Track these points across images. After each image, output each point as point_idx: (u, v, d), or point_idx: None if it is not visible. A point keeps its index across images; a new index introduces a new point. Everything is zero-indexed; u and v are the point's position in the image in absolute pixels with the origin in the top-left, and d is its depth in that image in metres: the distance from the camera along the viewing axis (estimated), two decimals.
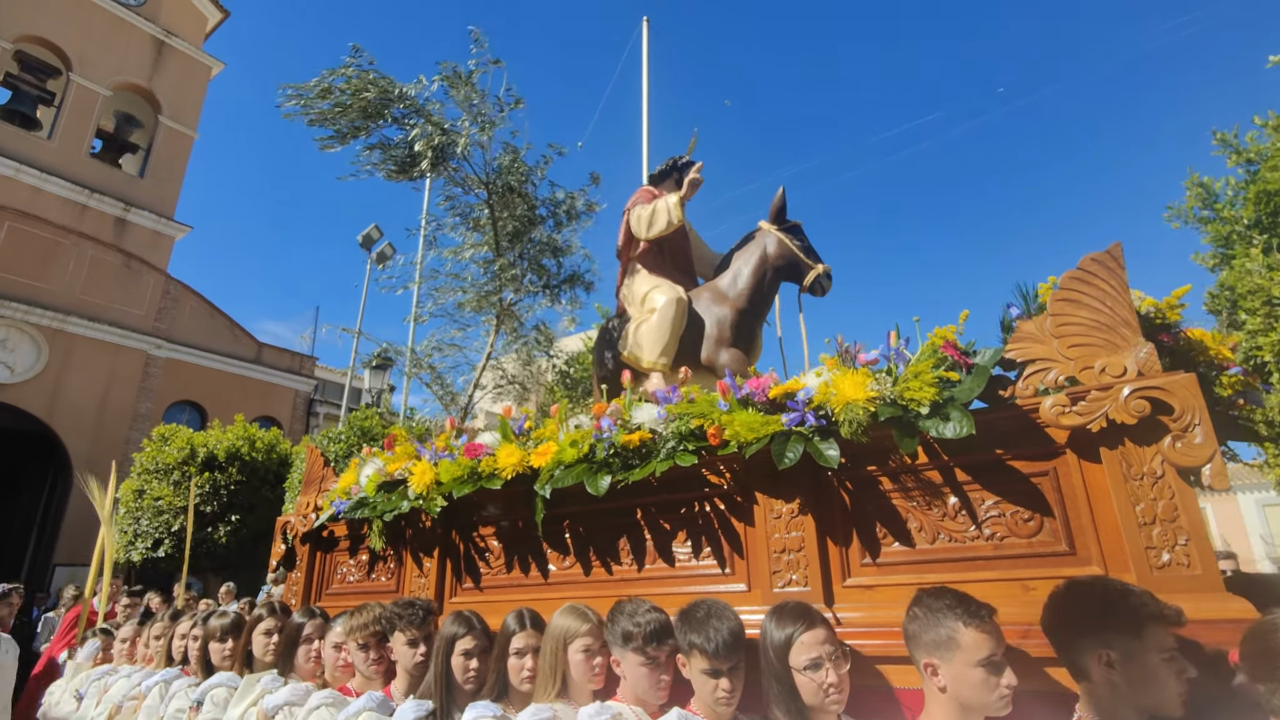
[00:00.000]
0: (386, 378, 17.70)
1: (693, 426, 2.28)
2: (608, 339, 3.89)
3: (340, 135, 6.41)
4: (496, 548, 2.80)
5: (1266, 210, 9.93)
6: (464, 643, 2.33)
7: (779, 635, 1.76)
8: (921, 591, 1.68)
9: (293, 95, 6.25)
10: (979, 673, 1.51)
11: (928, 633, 1.59)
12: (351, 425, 11.75)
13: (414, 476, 2.81)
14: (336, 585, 3.22)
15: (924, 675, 1.60)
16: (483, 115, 6.21)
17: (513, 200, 6.36)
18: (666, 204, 3.60)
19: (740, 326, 3.45)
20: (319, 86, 6.42)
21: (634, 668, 2.00)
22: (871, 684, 1.83)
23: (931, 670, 1.57)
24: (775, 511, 2.18)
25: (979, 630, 1.53)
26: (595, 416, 2.52)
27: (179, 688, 2.93)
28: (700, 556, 2.34)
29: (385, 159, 6.57)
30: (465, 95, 6.15)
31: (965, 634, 1.53)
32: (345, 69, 6.21)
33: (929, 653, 1.58)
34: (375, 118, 6.26)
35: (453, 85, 6.36)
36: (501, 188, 6.33)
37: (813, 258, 3.45)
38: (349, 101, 6.22)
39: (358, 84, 6.25)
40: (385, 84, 6.35)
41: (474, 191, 6.56)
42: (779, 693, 1.74)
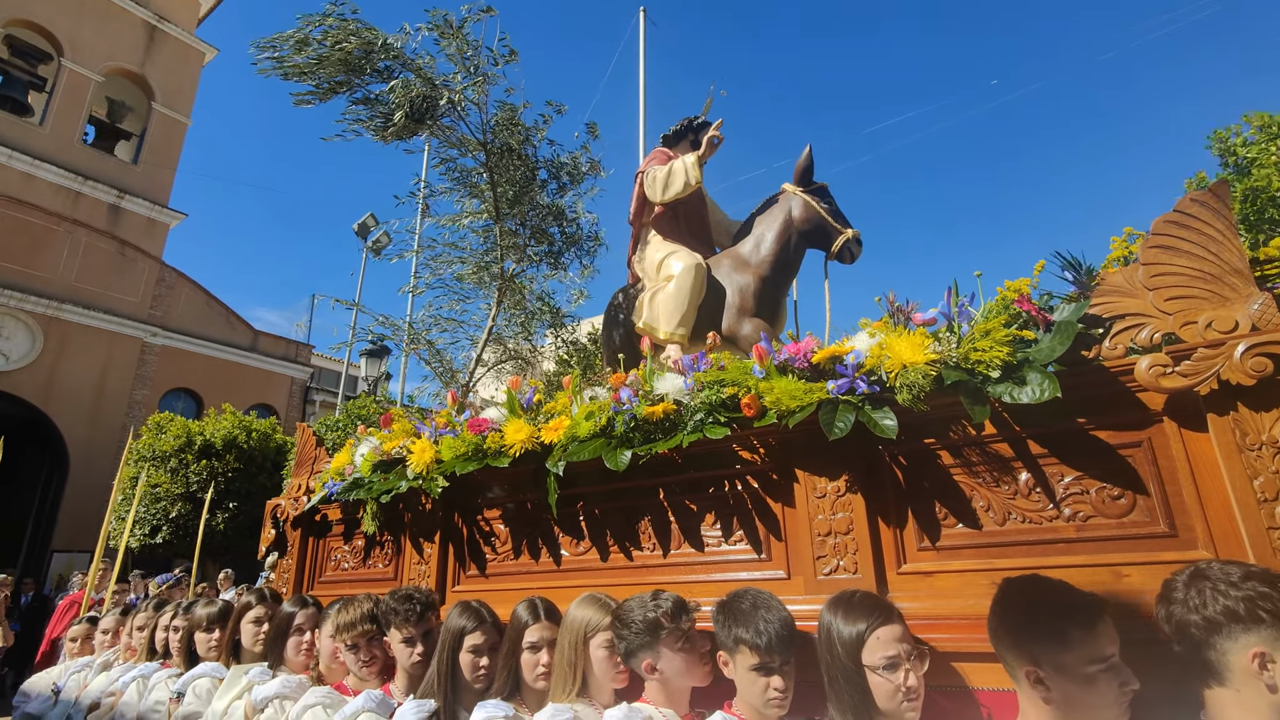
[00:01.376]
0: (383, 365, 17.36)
1: (724, 396, 2.00)
2: (619, 309, 3.59)
3: (320, 91, 5.88)
4: (503, 531, 2.51)
5: (1253, 208, 9.77)
6: (473, 638, 2.06)
7: (849, 630, 1.49)
8: (1012, 582, 1.41)
9: (266, 49, 5.77)
10: (1095, 675, 1.24)
11: (1027, 631, 1.32)
12: (349, 413, 11.44)
13: (413, 455, 2.52)
14: (331, 573, 2.92)
15: (1021, 679, 1.33)
16: (475, 68, 5.75)
17: (511, 162, 5.90)
18: (684, 164, 3.29)
19: (764, 295, 3.16)
20: (294, 38, 5.87)
21: (673, 657, 1.74)
22: (941, 683, 1.56)
23: (1034, 678, 1.30)
24: (819, 490, 1.90)
25: (1092, 628, 1.26)
26: (613, 387, 2.23)
27: (159, 679, 2.64)
28: (731, 540, 2.06)
29: (372, 116, 6.08)
30: (457, 47, 5.69)
31: (1079, 632, 1.26)
32: (325, 17, 5.72)
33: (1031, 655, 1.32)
34: (358, 71, 5.74)
35: (442, 35, 5.85)
36: (500, 148, 5.87)
37: (841, 221, 3.16)
38: (327, 53, 5.69)
39: (337, 34, 5.72)
40: (368, 34, 5.77)
41: (471, 153, 6.09)
42: (848, 695, 1.47)
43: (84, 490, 14.80)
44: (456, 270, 6.52)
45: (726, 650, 1.68)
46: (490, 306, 6.41)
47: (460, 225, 6.40)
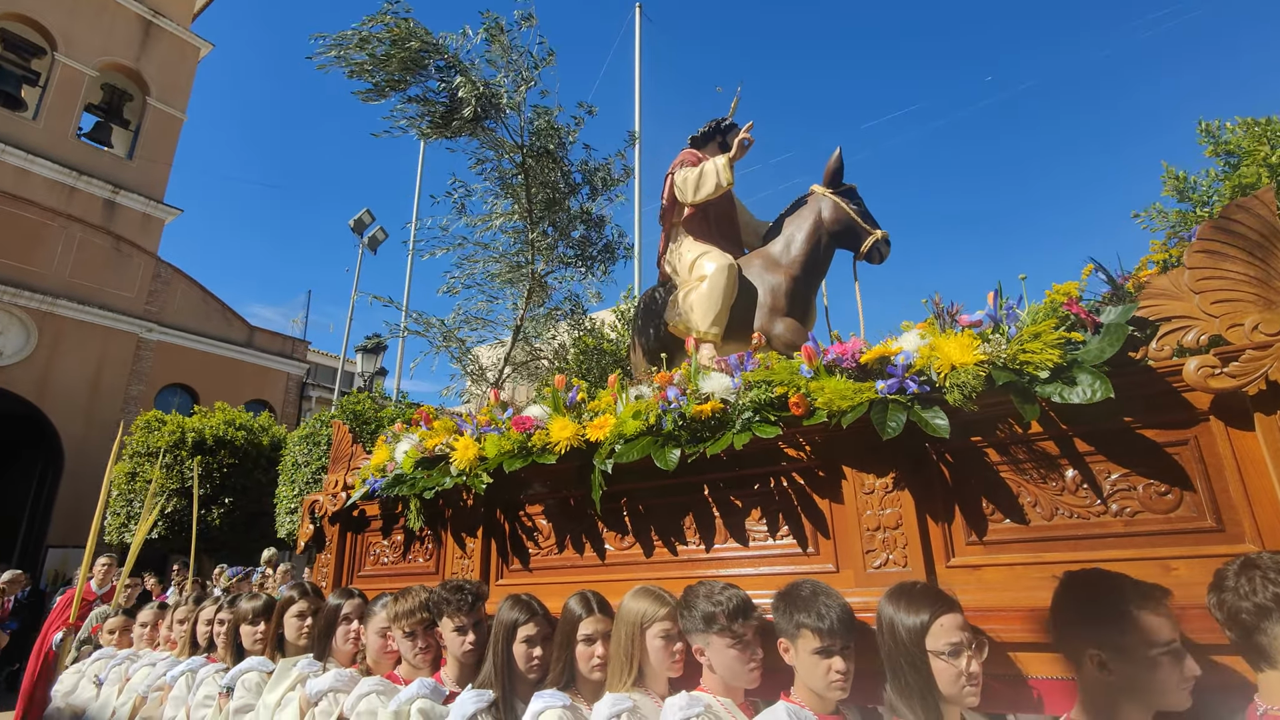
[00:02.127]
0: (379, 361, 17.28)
1: (773, 396, 2.03)
2: (650, 309, 3.61)
3: (379, 88, 5.84)
4: (545, 527, 2.54)
5: None
6: (526, 629, 2.09)
7: (912, 618, 1.54)
8: (1075, 574, 1.46)
9: (332, 46, 5.69)
10: (1158, 661, 1.29)
11: (1092, 615, 1.37)
12: (344, 409, 11.40)
13: (456, 452, 2.53)
14: (370, 567, 2.93)
15: (1086, 667, 1.38)
16: (520, 71, 5.73)
17: (547, 165, 5.89)
18: (715, 165, 3.31)
19: (795, 294, 3.20)
20: (357, 36, 5.80)
21: (722, 651, 1.77)
22: (994, 672, 1.61)
23: (1098, 661, 1.35)
24: (866, 486, 1.94)
25: (1155, 614, 1.31)
26: (659, 386, 2.26)
27: (206, 674, 2.65)
28: (778, 536, 2.10)
29: (423, 114, 6.03)
30: (501, 49, 5.64)
31: (1143, 619, 1.31)
32: (383, 15, 5.66)
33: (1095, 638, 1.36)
34: (415, 70, 5.73)
35: (493, 38, 5.84)
36: (537, 151, 5.86)
37: (870, 223, 3.20)
38: (390, 51, 5.65)
39: (398, 32, 5.68)
40: (426, 35, 5.76)
41: (507, 155, 6.07)
42: (912, 680, 1.51)
43: (79, 486, 14.62)
44: (488, 270, 6.49)
45: (787, 637, 1.72)
46: (518, 306, 6.39)
47: (492, 226, 6.37)
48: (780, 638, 1.74)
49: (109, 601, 6.63)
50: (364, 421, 11.17)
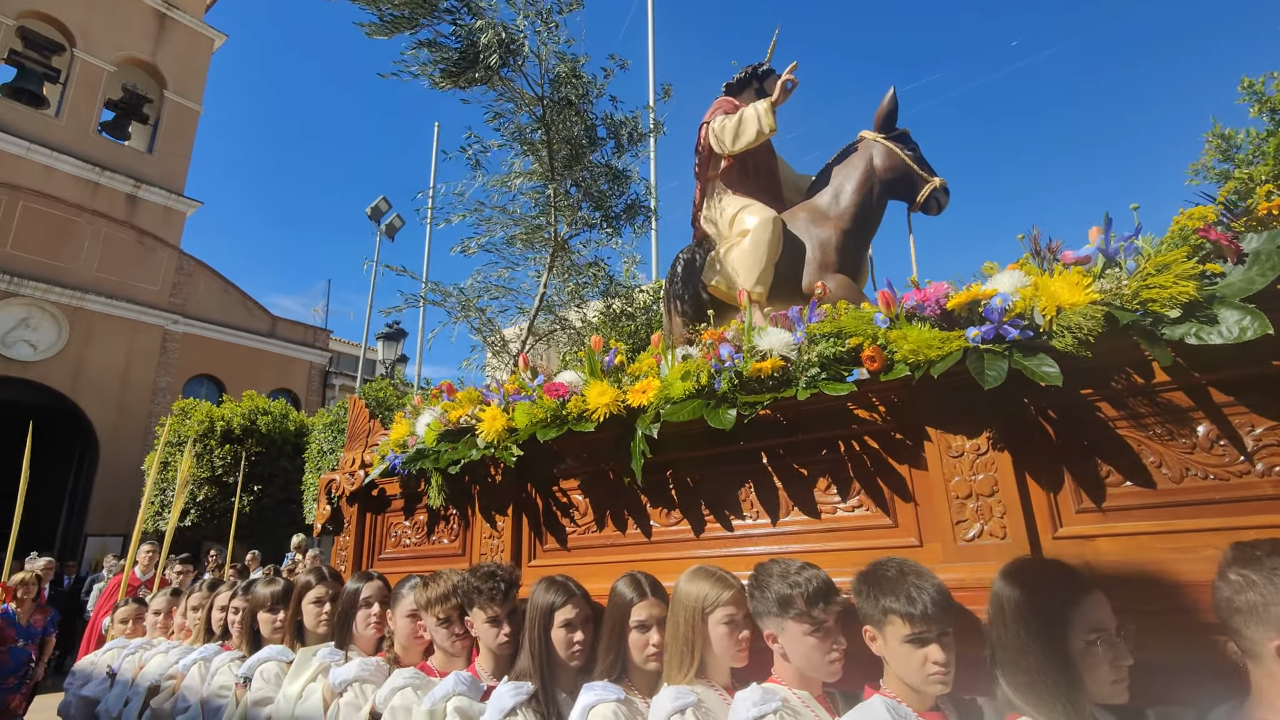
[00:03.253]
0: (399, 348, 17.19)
1: (844, 349, 1.77)
2: (686, 270, 3.34)
3: (386, 23, 5.36)
4: (582, 502, 2.30)
5: None
6: (564, 612, 1.86)
7: (1045, 599, 1.28)
8: (1245, 546, 1.19)
9: None
10: None
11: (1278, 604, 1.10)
12: (366, 396, 11.31)
13: (483, 423, 2.30)
14: (391, 549, 2.72)
15: (1269, 658, 1.11)
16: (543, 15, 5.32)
17: (569, 118, 5.51)
18: (755, 111, 3.02)
19: (846, 249, 2.91)
20: None
21: (799, 639, 1.53)
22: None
23: None
24: (954, 449, 1.67)
25: None
26: (709, 344, 2.00)
27: (221, 662, 2.46)
28: (849, 506, 1.84)
29: (435, 60, 5.55)
30: None
31: None
32: None
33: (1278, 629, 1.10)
34: (427, 8, 5.38)
35: None
36: (559, 102, 5.48)
37: (927, 170, 2.90)
38: None
39: None
40: None
41: (527, 108, 5.69)
42: (1044, 674, 1.25)
43: (114, 476, 14.75)
44: (507, 233, 6.13)
45: (873, 624, 1.47)
46: (540, 274, 6.07)
47: (511, 187, 6.00)
48: (865, 625, 1.50)
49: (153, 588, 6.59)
50: (387, 408, 11.07)
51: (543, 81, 5.31)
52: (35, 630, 6.57)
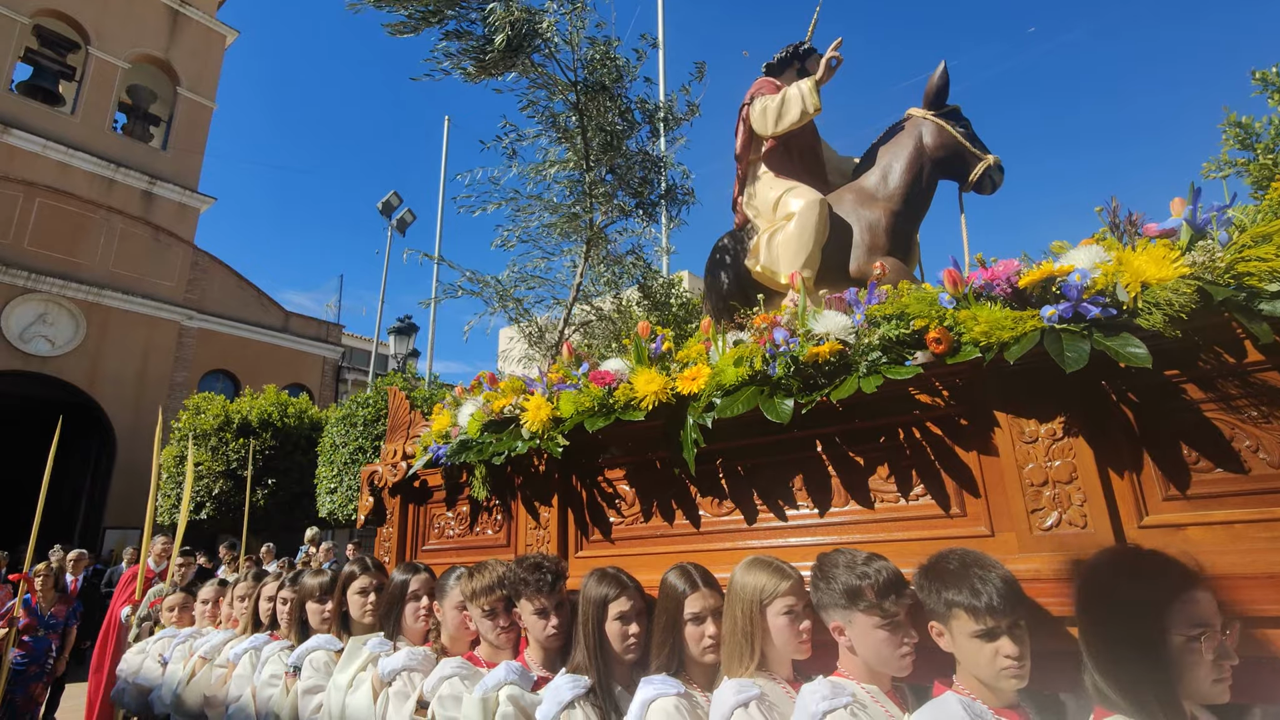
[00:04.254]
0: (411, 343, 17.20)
1: (908, 332, 1.70)
2: (725, 257, 3.27)
3: (413, 20, 5.22)
4: (628, 493, 2.25)
5: None
6: (618, 605, 1.81)
7: (1144, 591, 1.22)
8: None
9: None
10: None
11: None
12: (378, 390, 11.30)
13: (528, 413, 2.24)
14: (435, 540, 2.68)
15: None
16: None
17: (603, 103, 5.40)
18: (799, 90, 2.94)
19: (896, 231, 2.83)
20: None
21: (869, 633, 1.47)
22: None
23: None
24: (1027, 435, 1.61)
25: None
26: (763, 328, 1.94)
27: (271, 652, 2.44)
28: (910, 496, 1.78)
29: (463, 53, 5.40)
30: None
31: None
32: None
33: None
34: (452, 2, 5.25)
35: None
36: (593, 87, 5.37)
37: (979, 147, 2.81)
38: None
39: None
40: None
41: (561, 94, 5.58)
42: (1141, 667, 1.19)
43: (132, 470, 14.82)
44: (544, 221, 6.01)
45: (938, 619, 1.41)
46: (576, 263, 5.96)
47: (546, 176, 5.89)
48: (931, 620, 1.43)
49: (165, 579, 6.60)
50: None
51: (576, 66, 5.20)
52: (56, 620, 6.60)
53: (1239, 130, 9.61)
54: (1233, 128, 9.67)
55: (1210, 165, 10.05)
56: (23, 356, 14.00)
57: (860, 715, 1.43)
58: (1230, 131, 9.72)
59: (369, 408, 11.00)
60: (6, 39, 15.02)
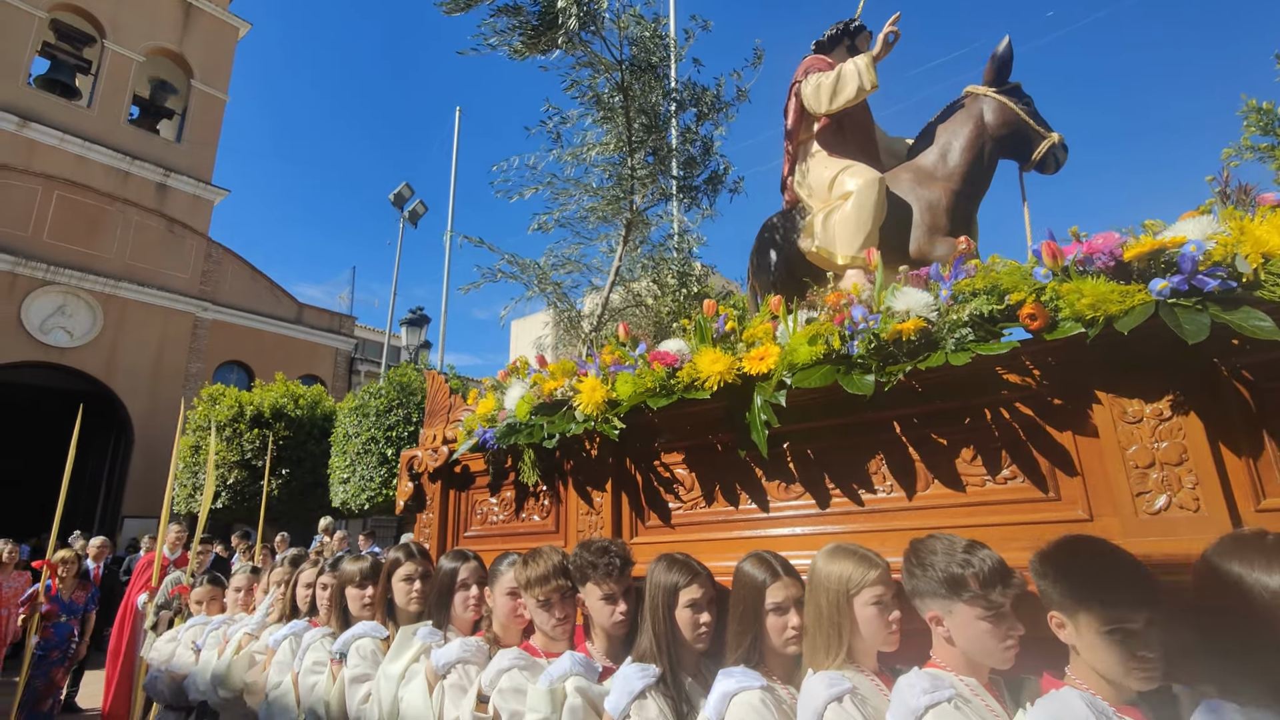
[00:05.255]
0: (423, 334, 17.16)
1: (1001, 307, 1.60)
2: (773, 239, 3.17)
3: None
4: (687, 477, 2.15)
5: None
6: (689, 592, 1.72)
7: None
8: None
9: None
10: None
11: None
12: (391, 381, 11.26)
13: (581, 394, 2.15)
14: (477, 526, 2.60)
15: None
16: None
17: (649, 83, 5.24)
18: (855, 66, 2.82)
19: (956, 210, 2.71)
20: None
21: (971, 624, 1.37)
22: None
23: None
24: (1131, 414, 1.51)
25: None
26: (834, 307, 1.84)
27: (312, 639, 2.35)
28: (1000, 478, 1.68)
29: (513, 28, 5.25)
30: None
31: None
32: None
33: None
34: None
35: None
36: (639, 66, 5.21)
37: (1043, 125, 2.70)
38: None
39: None
40: None
41: (605, 74, 5.43)
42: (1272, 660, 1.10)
43: (149, 459, 14.83)
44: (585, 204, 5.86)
45: (1063, 610, 1.31)
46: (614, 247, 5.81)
47: (586, 159, 5.74)
48: (1051, 611, 1.33)
49: (182, 566, 6.59)
50: (410, 393, 11.00)
51: (621, 45, 5.03)
52: (77, 606, 6.66)
53: (1260, 116, 9.40)
54: (1254, 113, 9.46)
55: (1230, 151, 9.86)
56: (43, 347, 14.00)
57: (963, 709, 1.33)
58: (1252, 117, 9.52)
59: (381, 398, 10.97)
60: (24, 33, 14.96)
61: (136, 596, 6.32)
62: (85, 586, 7.02)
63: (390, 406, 10.88)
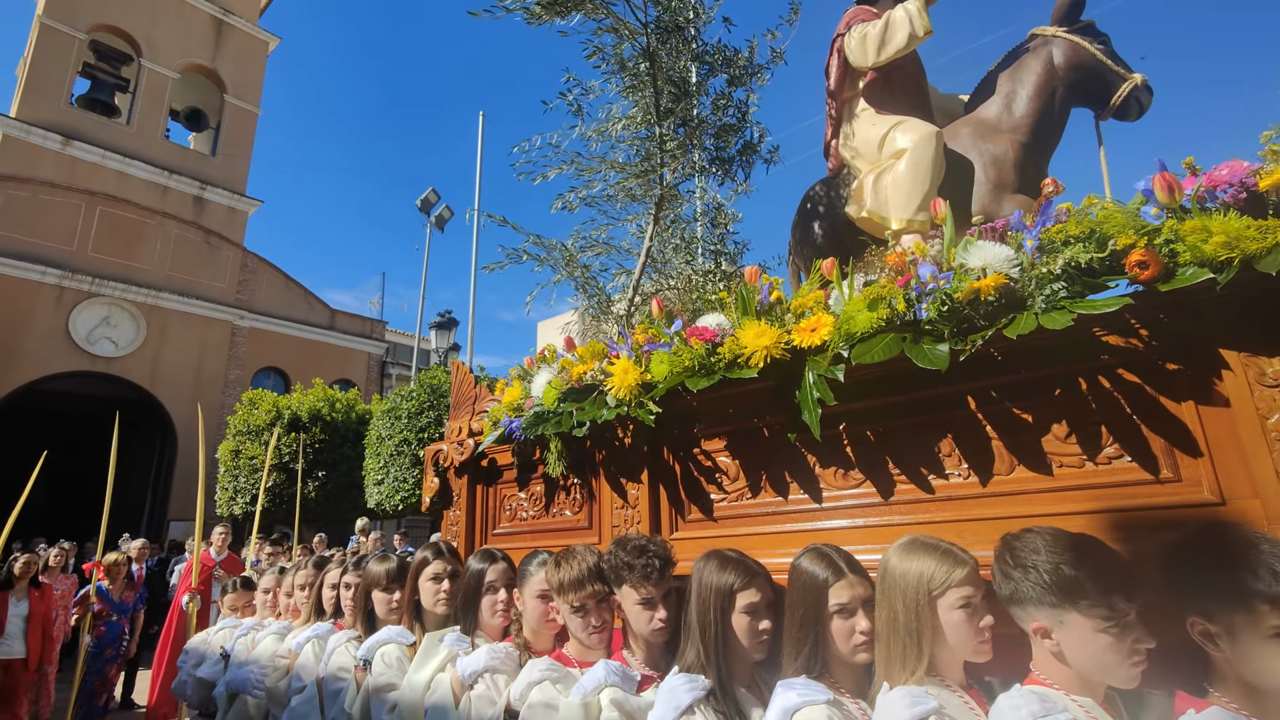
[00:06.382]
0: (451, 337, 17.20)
1: (1099, 255, 1.35)
2: (817, 207, 2.92)
3: None
4: (730, 465, 1.94)
5: None
6: (747, 595, 1.51)
7: None
8: None
9: None
10: None
11: None
12: (421, 383, 11.27)
13: (613, 378, 1.95)
14: (506, 523, 2.42)
15: None
16: None
17: (676, 46, 4.96)
18: (906, 11, 2.56)
19: (1025, 165, 2.44)
20: None
21: (1088, 637, 1.14)
22: None
23: None
24: (1269, 377, 1.25)
25: None
26: (896, 267, 1.60)
27: (337, 642, 2.20)
28: (1100, 458, 1.43)
29: None
30: None
31: None
32: None
33: None
34: None
35: None
36: (666, 29, 4.94)
37: (1123, 66, 2.41)
38: None
39: None
40: None
41: (630, 39, 5.16)
42: None
43: (192, 464, 15.11)
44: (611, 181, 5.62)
45: (1210, 614, 1.07)
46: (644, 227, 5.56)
47: (611, 133, 5.48)
48: (1193, 617, 1.09)
49: (228, 567, 6.63)
50: (440, 394, 10.98)
51: (645, 5, 4.74)
52: (126, 606, 6.79)
53: None
54: None
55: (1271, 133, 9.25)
56: (89, 358, 14.37)
57: None
58: None
59: (412, 400, 11.01)
60: (66, 54, 15.38)
61: (183, 596, 6.37)
62: (134, 587, 7.15)
63: (421, 409, 10.91)
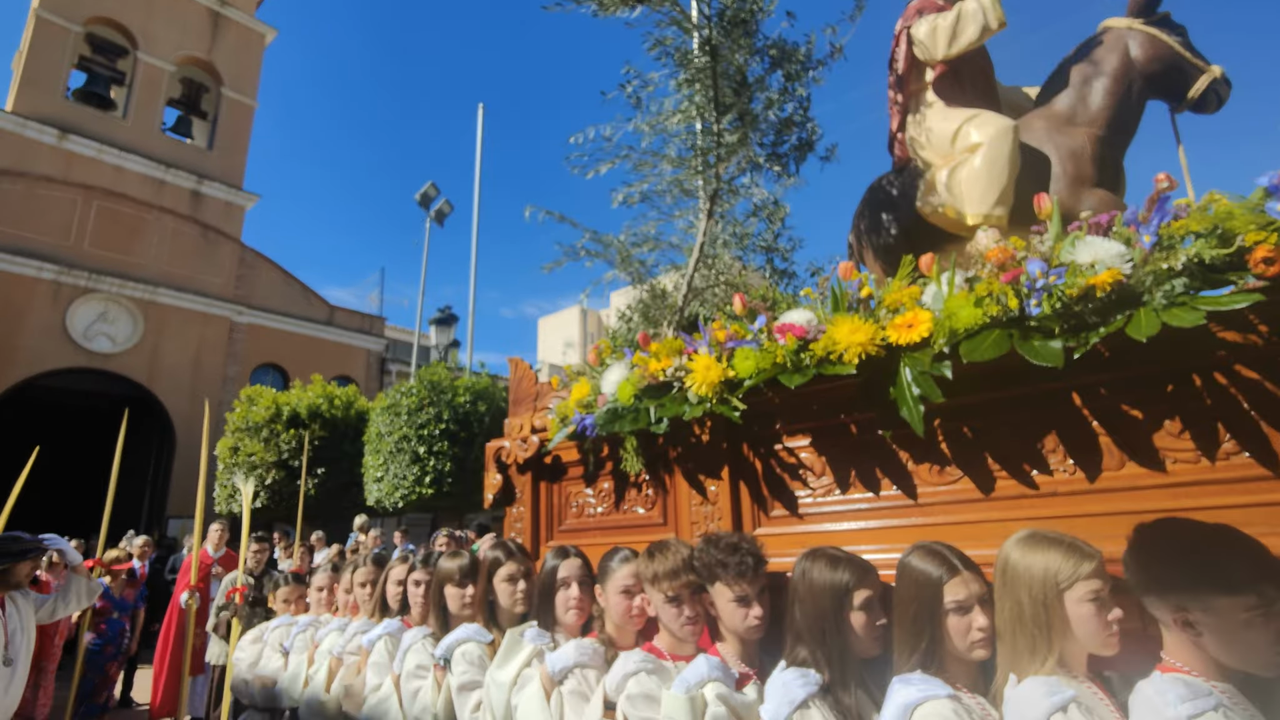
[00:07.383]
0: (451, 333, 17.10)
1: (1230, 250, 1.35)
2: (884, 200, 2.91)
3: None
4: (815, 462, 1.93)
5: None
6: (863, 593, 1.51)
7: None
8: None
9: None
10: None
11: None
12: (421, 379, 11.19)
13: (694, 374, 1.93)
14: (573, 520, 2.40)
15: None
16: None
17: (737, 39, 4.89)
18: (979, 3, 2.55)
19: (1104, 158, 2.44)
20: None
21: (1235, 626, 1.14)
22: None
23: None
24: None
25: None
26: (1001, 263, 1.59)
27: (412, 640, 2.17)
28: (1218, 455, 1.43)
29: None
30: None
31: None
32: None
33: None
34: None
35: None
36: (728, 22, 4.87)
37: (1201, 58, 2.41)
38: None
39: None
40: None
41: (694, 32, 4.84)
42: None
43: (190, 460, 14.97)
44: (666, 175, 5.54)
45: None
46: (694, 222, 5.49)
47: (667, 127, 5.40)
48: None
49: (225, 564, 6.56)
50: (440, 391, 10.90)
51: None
52: (127, 603, 6.75)
53: None
54: None
55: None
56: (86, 354, 14.16)
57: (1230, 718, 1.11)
58: None
59: (412, 397, 10.92)
60: (61, 47, 15.12)
61: (181, 594, 6.32)
62: (134, 584, 7.09)
63: (421, 405, 10.83)
